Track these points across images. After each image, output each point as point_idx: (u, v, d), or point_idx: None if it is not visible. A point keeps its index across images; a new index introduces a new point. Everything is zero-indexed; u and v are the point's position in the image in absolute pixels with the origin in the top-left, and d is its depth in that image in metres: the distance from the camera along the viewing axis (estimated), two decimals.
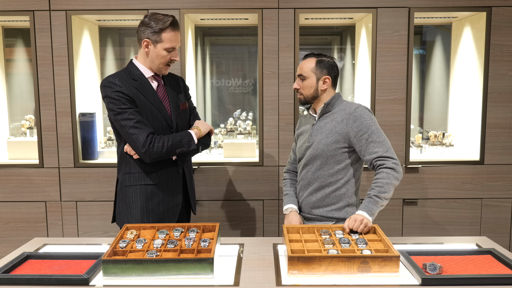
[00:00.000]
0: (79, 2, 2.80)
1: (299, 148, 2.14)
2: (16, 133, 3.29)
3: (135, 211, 2.03)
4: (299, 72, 2.08)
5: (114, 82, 1.93)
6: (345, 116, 1.98)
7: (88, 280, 1.50)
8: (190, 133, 2.02)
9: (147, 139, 1.88)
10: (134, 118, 1.89)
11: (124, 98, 1.91)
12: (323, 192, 2.03)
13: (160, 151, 1.91)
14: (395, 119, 2.90)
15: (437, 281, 1.48)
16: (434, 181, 2.94)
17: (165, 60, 1.99)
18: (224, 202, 2.96)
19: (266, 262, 1.69)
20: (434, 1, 2.82)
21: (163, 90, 2.06)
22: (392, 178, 1.86)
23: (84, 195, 2.94)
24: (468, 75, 3.08)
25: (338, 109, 2.04)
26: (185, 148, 1.99)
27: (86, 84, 3.09)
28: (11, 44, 3.38)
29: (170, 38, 1.96)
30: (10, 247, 2.92)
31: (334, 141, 1.98)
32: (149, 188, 2.03)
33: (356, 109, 1.97)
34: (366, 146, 1.92)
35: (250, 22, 3.14)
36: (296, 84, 2.09)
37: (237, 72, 3.70)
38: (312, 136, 2.05)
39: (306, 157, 2.07)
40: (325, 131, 2.01)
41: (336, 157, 1.99)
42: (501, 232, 2.99)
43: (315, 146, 2.02)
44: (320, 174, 2.03)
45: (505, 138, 2.92)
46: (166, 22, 1.94)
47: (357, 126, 1.93)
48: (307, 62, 2.06)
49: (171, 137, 1.95)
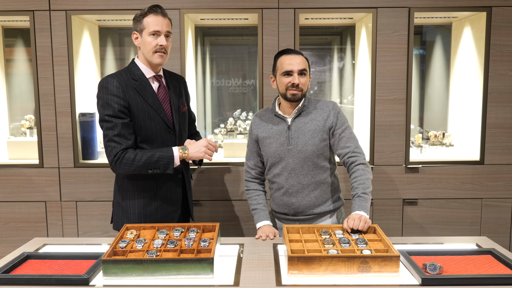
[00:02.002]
0: (79, 2, 2.80)
1: (273, 152, 2.04)
2: (16, 133, 3.29)
3: (132, 216, 2.00)
4: (302, 66, 1.97)
5: (112, 84, 1.90)
6: (325, 113, 2.03)
7: (88, 280, 1.50)
8: (172, 155, 1.92)
9: (117, 155, 1.86)
10: (116, 130, 1.87)
11: (116, 104, 1.88)
12: (321, 189, 2.05)
13: (128, 169, 1.88)
14: (395, 119, 2.90)
15: (437, 281, 1.48)
16: (434, 181, 2.94)
17: (152, 47, 1.92)
18: (224, 202, 2.96)
19: (266, 262, 1.69)
20: (434, 1, 2.82)
21: (164, 91, 2.02)
22: (368, 173, 1.96)
23: (84, 195, 2.94)
24: (468, 75, 3.08)
25: (312, 108, 2.05)
26: (159, 171, 1.92)
27: (86, 84, 3.09)
28: (11, 44, 3.38)
29: (152, 22, 1.91)
30: (10, 247, 2.92)
31: (321, 139, 2.01)
32: (147, 194, 2.00)
33: (334, 105, 2.06)
34: (339, 140, 2.01)
35: (250, 22, 3.14)
36: (297, 79, 1.97)
37: (237, 72, 3.70)
38: (293, 138, 2.01)
39: (292, 161, 2.01)
40: (308, 132, 2.00)
41: (324, 154, 2.03)
42: (501, 232, 2.99)
43: (301, 148, 1.99)
44: (314, 174, 2.03)
45: (505, 138, 2.92)
46: (146, 8, 1.92)
47: (336, 121, 2.02)
48: (302, 57, 2.00)
49: (148, 155, 1.88)
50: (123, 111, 1.89)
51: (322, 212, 2.07)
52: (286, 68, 1.98)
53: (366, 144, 2.99)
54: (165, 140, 1.99)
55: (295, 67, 1.97)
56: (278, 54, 2.06)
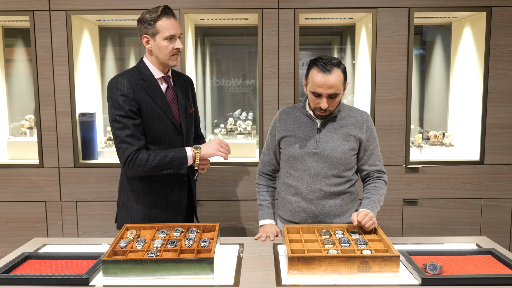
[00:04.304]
0: (79, 2, 2.80)
1: (297, 153, 1.94)
2: (16, 133, 3.29)
3: (136, 217, 1.99)
4: (332, 91, 1.80)
5: (122, 84, 1.86)
6: (358, 123, 1.95)
7: (88, 280, 1.50)
8: (185, 155, 1.88)
9: (129, 156, 1.83)
10: (128, 131, 1.84)
11: (127, 105, 1.84)
12: (341, 199, 1.97)
13: (141, 170, 1.85)
14: (395, 119, 2.90)
15: (437, 281, 1.48)
16: (434, 181, 2.94)
17: (168, 51, 1.89)
18: (224, 202, 2.96)
19: (266, 262, 1.69)
20: (434, 1, 2.82)
21: (172, 92, 1.99)
22: (385, 190, 1.99)
23: (84, 195, 2.94)
24: (468, 75, 3.08)
25: (345, 114, 1.97)
26: (173, 171, 1.89)
27: (86, 84, 3.09)
28: (11, 44, 3.38)
29: (166, 26, 1.87)
30: (10, 247, 2.92)
31: (351, 148, 1.93)
32: (152, 196, 1.98)
33: (368, 118, 1.99)
34: (369, 156, 1.98)
35: (250, 22, 3.14)
36: (325, 104, 1.82)
37: (237, 72, 3.70)
38: (321, 142, 1.92)
39: (316, 165, 1.92)
40: (338, 138, 1.92)
41: (350, 164, 1.97)
42: (501, 232, 2.99)
43: (329, 153, 1.91)
44: (338, 182, 1.94)
45: (505, 138, 2.92)
46: (158, 11, 1.87)
47: (369, 135, 1.97)
48: (337, 77, 1.80)
49: (161, 156, 1.85)
50: (134, 111, 1.86)
51: (341, 223, 1.97)
52: (315, 90, 1.82)
53: None
54: (173, 141, 1.97)
55: (325, 90, 1.81)
56: (312, 63, 1.86)
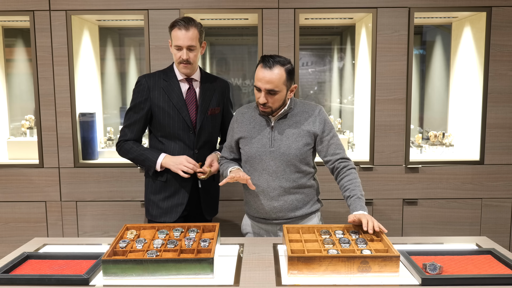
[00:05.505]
0: (79, 2, 2.80)
1: (254, 152, 1.98)
2: (16, 133, 3.29)
3: (146, 200, 2.27)
4: (270, 86, 1.85)
5: (140, 82, 2.15)
6: (311, 118, 2.00)
7: (88, 280, 1.50)
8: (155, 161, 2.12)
9: (119, 142, 2.19)
10: (129, 121, 2.17)
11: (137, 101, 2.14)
12: (302, 193, 2.02)
13: (124, 156, 2.21)
14: (395, 119, 2.90)
15: (437, 281, 1.48)
16: (434, 181, 2.94)
17: (176, 58, 2.10)
18: (224, 202, 2.96)
19: (266, 262, 1.69)
20: (434, 1, 2.82)
21: (192, 93, 2.17)
22: (359, 178, 1.98)
23: (84, 195, 2.94)
24: (468, 75, 3.08)
25: (298, 111, 2.02)
26: (145, 169, 2.21)
27: (86, 84, 3.09)
28: (11, 44, 3.38)
29: (176, 36, 2.05)
30: (10, 247, 2.92)
31: (305, 143, 1.98)
32: (158, 183, 2.20)
33: (320, 111, 2.03)
34: (328, 147, 2.01)
35: (250, 22, 3.14)
36: (263, 98, 1.87)
37: (237, 72, 3.70)
38: (276, 140, 1.97)
39: (274, 164, 1.96)
40: (292, 135, 1.97)
41: (306, 159, 2.01)
42: (501, 232, 2.99)
43: (284, 151, 1.95)
44: (296, 177, 1.99)
45: (505, 138, 2.92)
46: (175, 21, 2.05)
47: (323, 127, 2.00)
48: (277, 74, 1.85)
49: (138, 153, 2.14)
50: (141, 107, 2.14)
51: (303, 214, 2.04)
52: (256, 83, 1.90)
53: (366, 144, 2.99)
54: (183, 138, 2.16)
55: (263, 85, 1.87)
56: (260, 59, 1.93)
